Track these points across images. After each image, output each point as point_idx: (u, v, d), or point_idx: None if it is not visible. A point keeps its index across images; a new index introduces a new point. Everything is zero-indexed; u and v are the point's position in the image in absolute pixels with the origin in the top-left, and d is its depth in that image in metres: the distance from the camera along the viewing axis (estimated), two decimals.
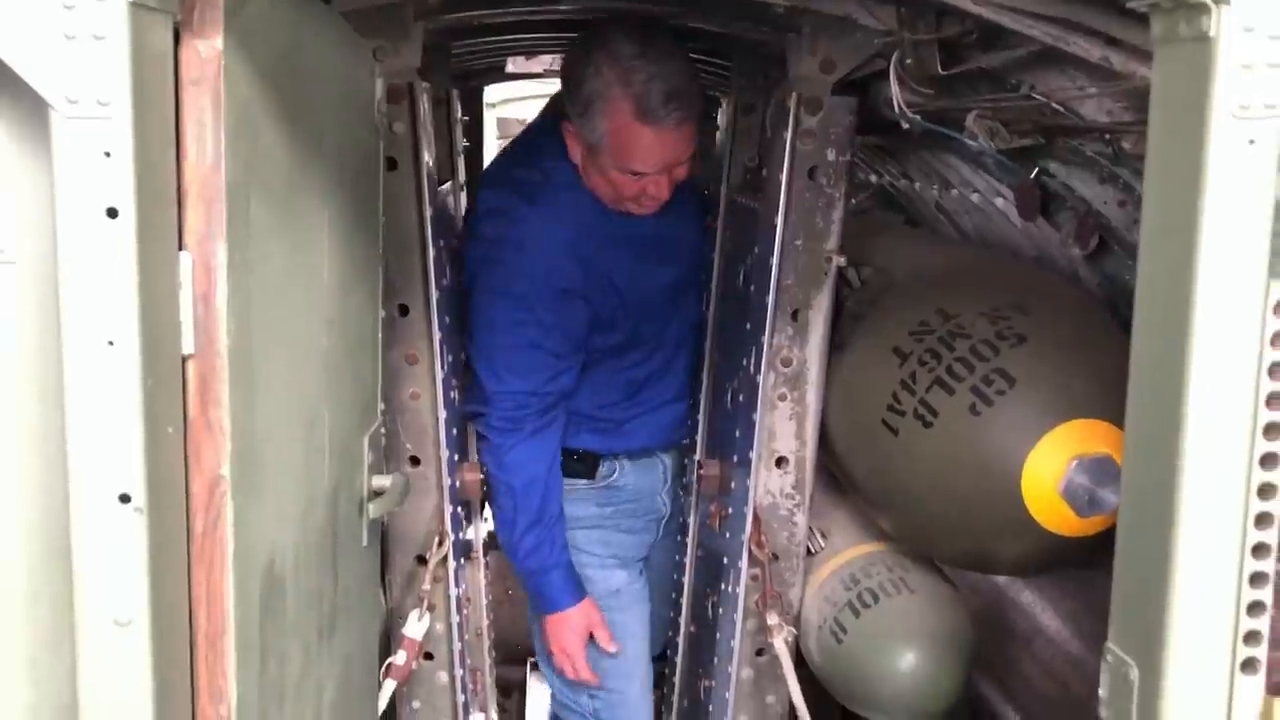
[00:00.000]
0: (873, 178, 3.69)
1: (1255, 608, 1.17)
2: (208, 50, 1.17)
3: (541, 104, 3.04)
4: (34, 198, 1.15)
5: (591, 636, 2.77)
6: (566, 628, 2.74)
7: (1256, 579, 1.17)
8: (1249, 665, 1.19)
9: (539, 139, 2.73)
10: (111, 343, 1.09)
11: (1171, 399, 1.14)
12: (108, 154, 1.05)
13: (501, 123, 8.71)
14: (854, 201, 3.59)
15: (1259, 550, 1.17)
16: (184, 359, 1.21)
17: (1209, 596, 1.17)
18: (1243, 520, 1.15)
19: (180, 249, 1.19)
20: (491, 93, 6.66)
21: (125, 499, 1.11)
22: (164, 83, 1.14)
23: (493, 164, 3.04)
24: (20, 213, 1.16)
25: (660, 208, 2.58)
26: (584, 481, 2.82)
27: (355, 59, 1.87)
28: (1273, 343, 1.14)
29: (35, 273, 1.17)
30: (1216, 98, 1.09)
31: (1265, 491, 1.16)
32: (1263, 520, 1.16)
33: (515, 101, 8.40)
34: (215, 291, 1.21)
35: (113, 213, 1.07)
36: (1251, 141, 1.09)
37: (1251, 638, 1.18)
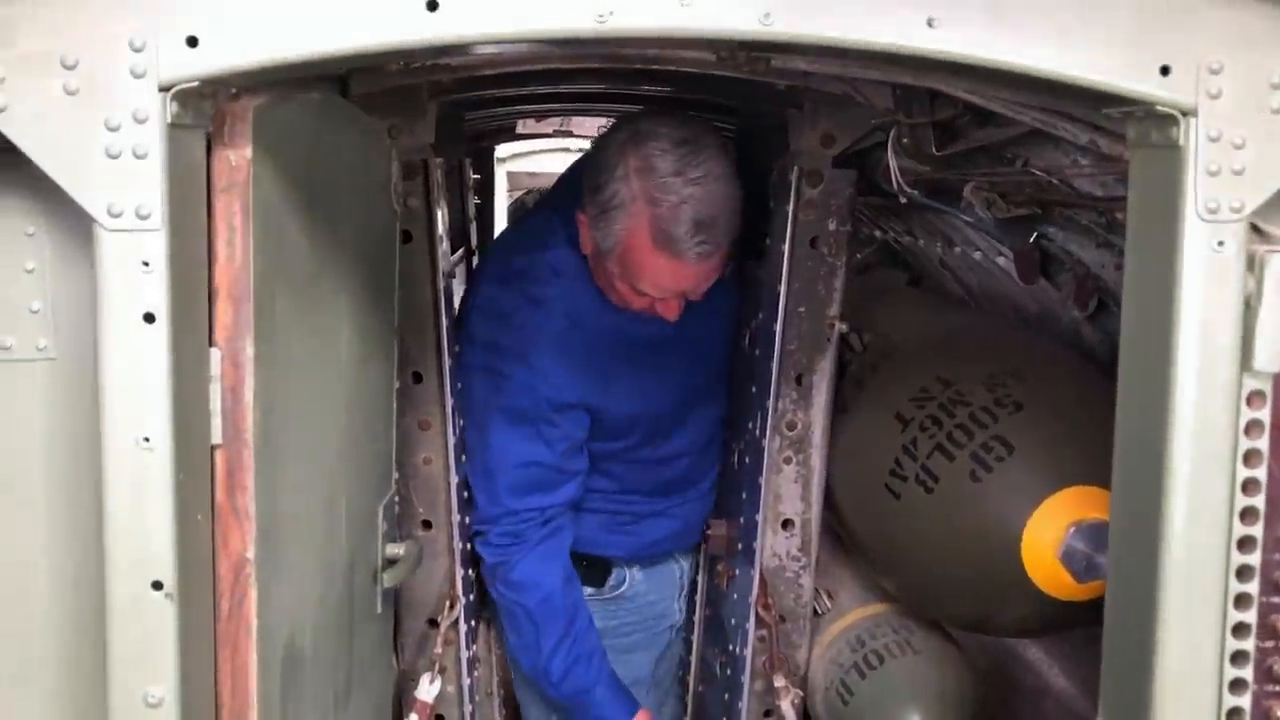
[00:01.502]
0: (877, 233, 3.75)
1: (1237, 685, 1.22)
2: (237, 159, 1.24)
3: (551, 159, 2.91)
4: (73, 299, 1.23)
5: None
6: None
7: (1237, 658, 1.22)
8: None
9: (548, 222, 2.47)
10: (147, 439, 1.16)
11: (1152, 489, 1.20)
12: (146, 264, 1.13)
13: (511, 176, 8.85)
14: (859, 256, 3.66)
15: (1238, 630, 1.22)
16: (213, 448, 1.28)
17: (1192, 675, 1.22)
18: (1222, 601, 1.21)
19: (211, 345, 1.26)
20: (502, 148, 6.80)
21: (158, 586, 1.18)
22: (197, 192, 1.22)
23: (496, 245, 2.73)
24: (60, 313, 1.24)
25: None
26: (589, 590, 2.61)
27: (372, 145, 1.95)
28: (1247, 431, 1.20)
29: (73, 368, 1.25)
30: (1186, 201, 1.16)
31: (1243, 573, 1.21)
32: (1241, 601, 1.21)
33: (525, 156, 8.55)
34: (244, 384, 1.28)
35: (150, 318, 1.14)
36: (1220, 243, 1.16)
37: (1234, 715, 1.23)
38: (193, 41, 1.12)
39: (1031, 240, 2.46)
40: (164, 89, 1.12)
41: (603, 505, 2.56)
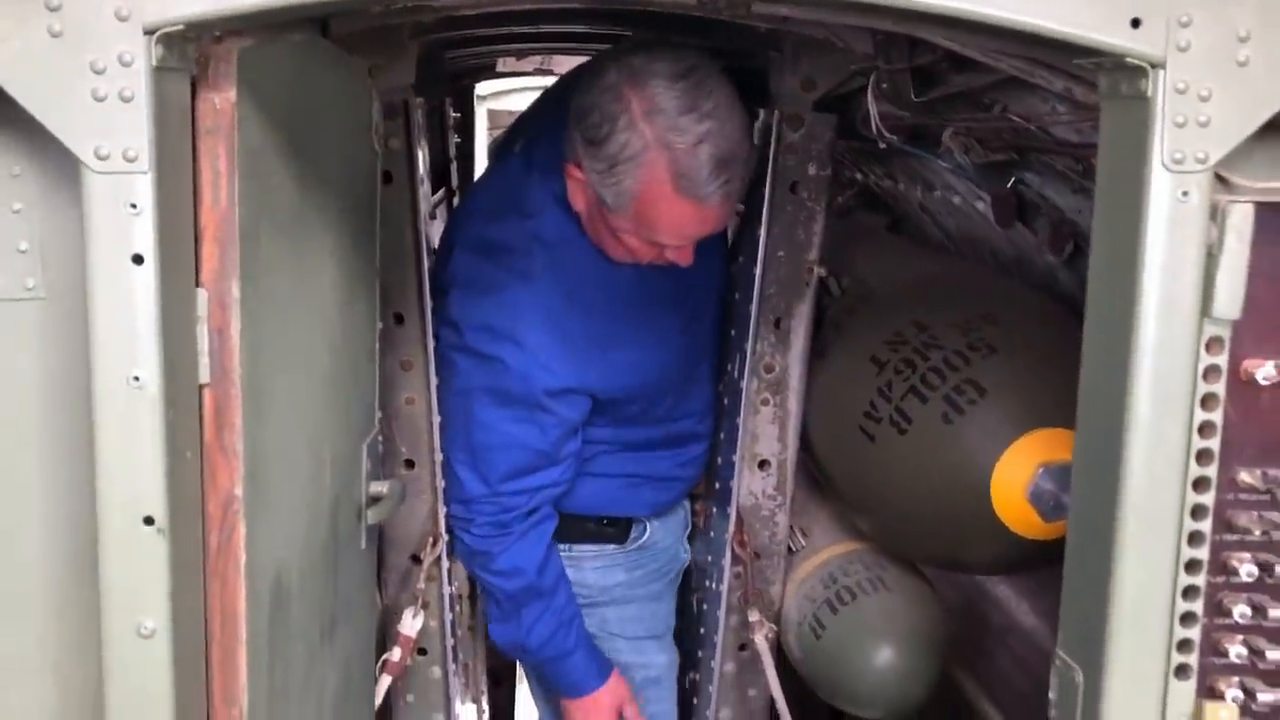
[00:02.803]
0: (857, 176, 3.76)
1: (1187, 618, 1.29)
2: (222, 102, 1.26)
3: (532, 96, 2.78)
4: (60, 239, 1.25)
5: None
6: (597, 711, 2.49)
7: (1189, 592, 1.28)
8: (1182, 671, 1.30)
9: (526, 179, 2.28)
10: (137, 378, 1.18)
11: (1113, 430, 1.25)
12: (134, 205, 1.14)
13: (492, 114, 8.78)
14: (839, 199, 3.68)
15: (1191, 566, 1.28)
16: (200, 387, 1.31)
17: (1146, 608, 1.28)
18: (1176, 539, 1.26)
19: (198, 286, 1.28)
20: (482, 86, 6.74)
21: (149, 521, 1.21)
22: (183, 135, 1.23)
23: (469, 206, 2.51)
24: (48, 253, 1.26)
25: None
26: (613, 547, 2.57)
27: (354, 86, 1.95)
28: (1205, 376, 1.24)
29: (62, 308, 1.27)
30: (1153, 151, 1.20)
31: (1197, 512, 1.27)
32: (1195, 539, 1.27)
33: (506, 94, 8.47)
34: (230, 324, 1.30)
35: (138, 259, 1.16)
36: (1185, 193, 1.19)
37: (1184, 646, 1.29)
38: None
39: (1009, 185, 2.49)
40: (149, 32, 1.13)
41: (623, 469, 2.47)
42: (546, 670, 2.50)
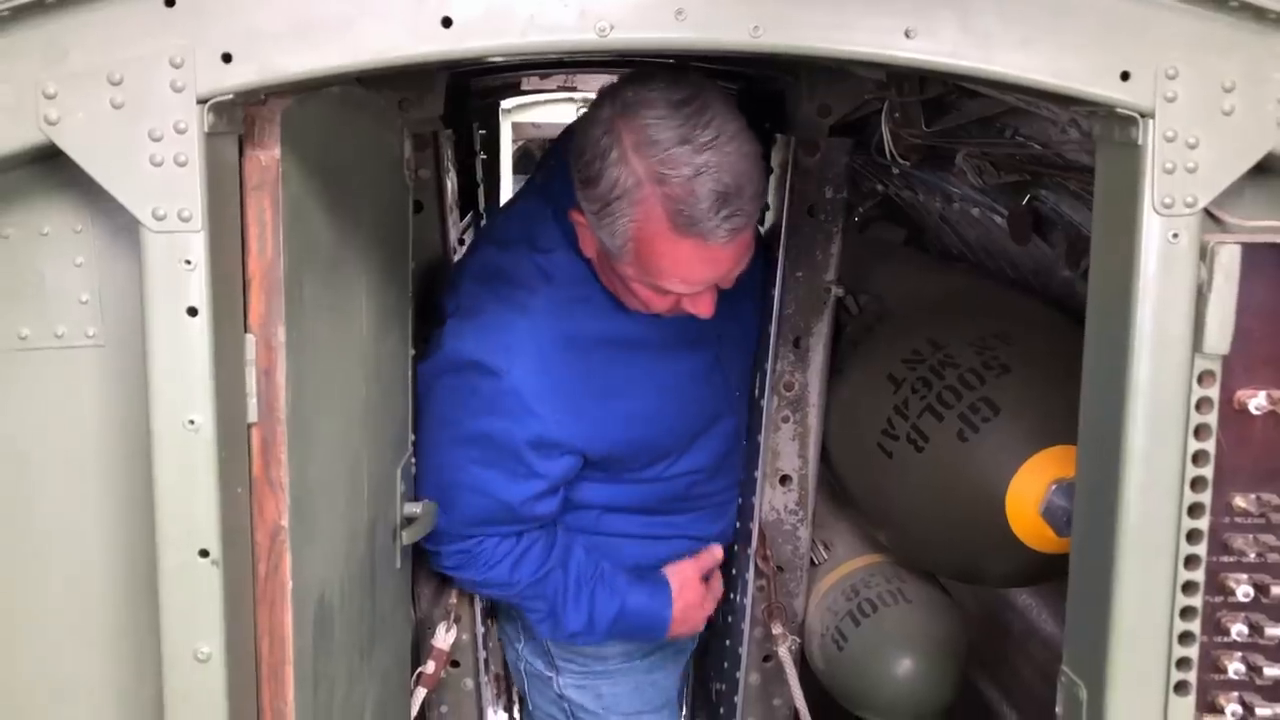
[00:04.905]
0: (878, 188, 3.80)
1: (1186, 638, 1.35)
2: (267, 159, 1.34)
3: (555, 109, 2.63)
4: (118, 291, 1.34)
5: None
6: (689, 607, 2.38)
7: (1186, 612, 1.35)
8: (1181, 687, 1.37)
9: (540, 214, 2.11)
10: (192, 421, 1.27)
11: (1111, 460, 1.31)
12: (188, 262, 1.23)
13: (517, 127, 8.86)
14: (861, 210, 3.73)
15: (1188, 587, 1.35)
16: (249, 426, 1.39)
17: (1145, 628, 1.34)
18: (1174, 562, 1.33)
19: (246, 331, 1.37)
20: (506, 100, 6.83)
21: (204, 554, 1.30)
22: (231, 191, 1.32)
23: (484, 236, 2.38)
24: (107, 303, 1.35)
25: None
26: None
27: (386, 125, 2.04)
28: (1198, 408, 1.31)
29: (120, 355, 1.36)
30: (1144, 195, 1.26)
31: (1193, 536, 1.33)
32: (1191, 562, 1.33)
33: (529, 107, 8.55)
34: (276, 366, 1.39)
35: (193, 311, 1.25)
36: (1175, 235, 1.26)
37: (1183, 663, 1.36)
38: (227, 58, 1.21)
39: (1025, 201, 2.53)
40: (201, 101, 1.22)
41: (627, 530, 2.34)
42: (622, 631, 2.33)
